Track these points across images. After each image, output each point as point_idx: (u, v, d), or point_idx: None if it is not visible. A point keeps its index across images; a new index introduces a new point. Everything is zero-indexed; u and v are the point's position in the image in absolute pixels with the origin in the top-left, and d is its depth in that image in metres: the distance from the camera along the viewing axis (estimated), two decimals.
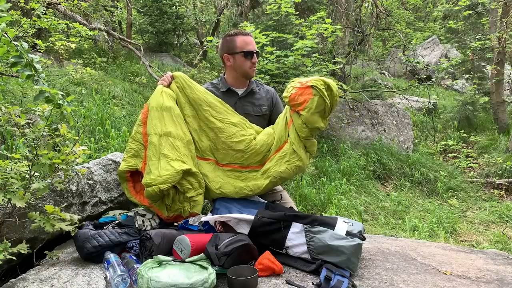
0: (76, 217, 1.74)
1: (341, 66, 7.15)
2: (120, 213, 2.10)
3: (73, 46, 5.36)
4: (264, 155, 2.16)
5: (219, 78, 2.45)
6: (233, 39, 2.27)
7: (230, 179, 2.15)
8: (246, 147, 2.14)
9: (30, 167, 1.75)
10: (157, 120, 2.05)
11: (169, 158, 1.96)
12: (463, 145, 8.06)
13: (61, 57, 7.08)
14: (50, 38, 5.07)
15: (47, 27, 4.34)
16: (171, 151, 1.99)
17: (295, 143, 2.06)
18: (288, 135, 2.11)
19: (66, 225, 1.66)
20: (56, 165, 1.73)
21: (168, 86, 2.19)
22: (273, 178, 2.08)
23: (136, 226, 1.95)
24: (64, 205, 1.93)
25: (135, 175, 2.15)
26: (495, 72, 8.24)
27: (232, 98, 2.33)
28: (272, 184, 2.13)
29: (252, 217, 1.83)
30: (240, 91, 2.37)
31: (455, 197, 5.75)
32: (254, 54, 2.26)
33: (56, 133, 1.83)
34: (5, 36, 1.39)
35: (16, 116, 1.79)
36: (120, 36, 8.60)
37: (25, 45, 1.46)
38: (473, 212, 5.36)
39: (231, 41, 2.27)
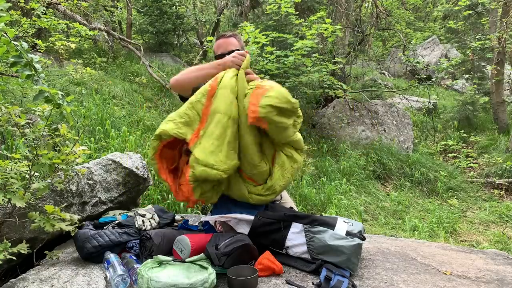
0: (76, 217, 1.74)
1: (341, 66, 7.16)
2: (120, 213, 2.10)
3: (73, 46, 5.34)
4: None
5: None
6: (215, 44, 2.28)
7: (239, 180, 1.99)
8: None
9: (30, 167, 1.75)
10: (231, 104, 1.83)
11: (231, 147, 1.80)
12: (463, 145, 8.06)
13: (61, 57, 7.08)
14: (50, 38, 5.07)
15: (47, 27, 4.34)
16: (234, 142, 1.83)
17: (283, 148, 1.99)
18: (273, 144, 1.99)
19: (66, 225, 1.66)
20: (56, 165, 1.73)
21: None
22: (279, 192, 2.00)
23: (136, 226, 1.95)
24: (64, 205, 1.93)
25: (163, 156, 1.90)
26: (495, 72, 8.24)
27: None
28: (276, 195, 2.04)
29: (252, 217, 1.83)
30: None
31: (455, 197, 5.75)
32: (226, 56, 2.14)
33: (56, 133, 1.83)
34: (4, 36, 1.39)
35: (16, 116, 1.79)
36: (120, 36, 8.61)
37: (25, 45, 1.46)
38: (473, 212, 5.36)
39: (214, 46, 2.30)
